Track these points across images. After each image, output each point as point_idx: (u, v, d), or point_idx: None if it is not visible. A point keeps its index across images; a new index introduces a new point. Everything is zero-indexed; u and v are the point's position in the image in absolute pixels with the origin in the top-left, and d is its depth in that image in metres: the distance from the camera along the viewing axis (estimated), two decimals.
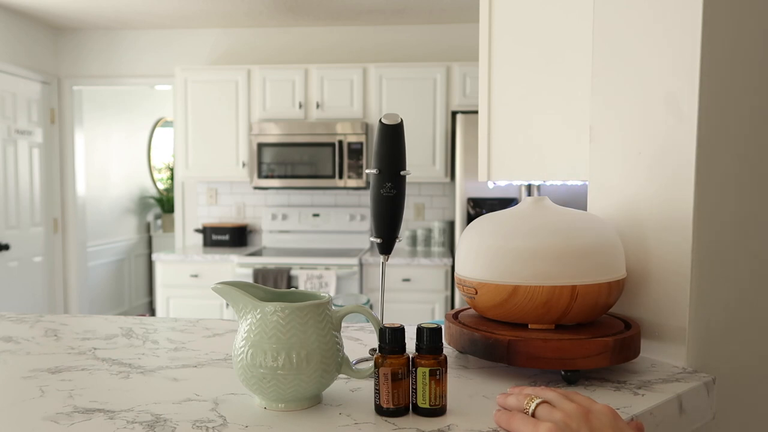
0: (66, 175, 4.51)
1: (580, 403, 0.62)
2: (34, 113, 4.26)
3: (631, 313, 0.91)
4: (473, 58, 3.86)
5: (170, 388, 0.79)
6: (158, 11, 3.98)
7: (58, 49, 4.46)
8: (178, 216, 4.48)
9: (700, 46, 0.81)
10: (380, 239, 0.86)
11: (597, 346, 0.77)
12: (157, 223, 5.94)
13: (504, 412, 0.64)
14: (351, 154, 3.84)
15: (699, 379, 0.82)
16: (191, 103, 4.03)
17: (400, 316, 3.54)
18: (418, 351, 0.69)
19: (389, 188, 0.83)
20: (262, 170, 3.91)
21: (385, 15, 4.04)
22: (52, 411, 0.70)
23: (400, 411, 0.68)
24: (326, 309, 0.71)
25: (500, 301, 0.82)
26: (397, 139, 0.83)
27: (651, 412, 0.72)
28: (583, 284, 0.79)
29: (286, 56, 4.31)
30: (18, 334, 1.07)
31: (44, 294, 4.40)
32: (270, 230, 4.27)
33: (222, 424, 0.66)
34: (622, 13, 0.91)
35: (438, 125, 3.90)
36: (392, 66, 3.91)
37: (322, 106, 3.94)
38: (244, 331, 0.70)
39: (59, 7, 3.92)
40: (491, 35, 1.27)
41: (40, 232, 4.35)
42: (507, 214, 0.87)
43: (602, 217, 0.93)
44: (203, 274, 3.81)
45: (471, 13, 3.86)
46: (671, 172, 0.86)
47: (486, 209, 3.43)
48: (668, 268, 0.86)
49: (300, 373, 0.68)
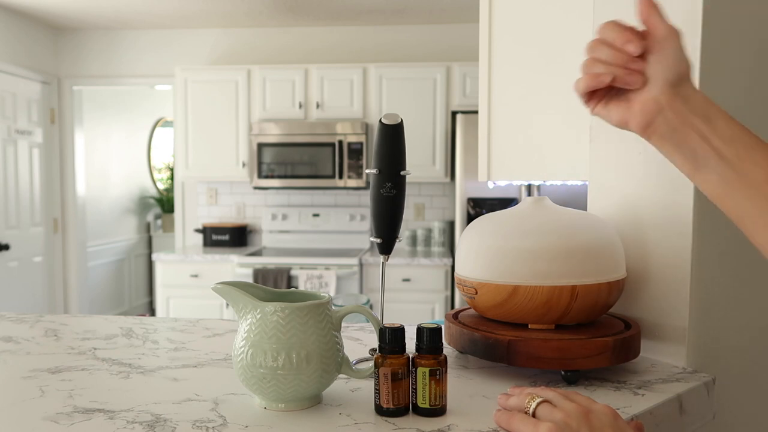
0: (66, 175, 4.51)
1: (580, 403, 0.62)
2: (34, 113, 4.26)
3: (631, 313, 0.91)
4: (473, 58, 3.85)
5: (170, 388, 0.79)
6: (158, 11, 3.98)
7: (58, 49, 4.46)
8: (178, 216, 4.48)
9: (700, 46, 0.81)
10: (380, 239, 0.87)
11: (597, 346, 0.77)
12: (157, 223, 5.94)
13: (504, 412, 0.64)
14: (351, 154, 3.84)
15: (699, 379, 0.82)
16: (191, 103, 4.03)
17: (400, 316, 3.54)
18: (418, 351, 0.69)
19: (389, 188, 0.83)
20: (262, 170, 3.91)
21: (385, 15, 4.04)
22: (52, 411, 0.70)
23: (400, 411, 0.68)
24: (326, 309, 0.71)
25: (500, 301, 0.82)
26: (397, 139, 0.83)
27: (651, 412, 0.72)
28: (583, 284, 0.79)
29: (286, 56, 4.31)
30: (18, 334, 1.07)
31: (44, 294, 4.40)
32: (270, 230, 4.27)
33: (222, 424, 0.66)
34: (622, 13, 0.91)
35: (438, 125, 3.90)
36: (392, 66, 3.91)
37: (322, 106, 3.94)
38: (244, 331, 0.70)
39: (59, 7, 3.92)
40: (491, 35, 1.27)
41: (40, 232, 4.35)
42: (507, 214, 0.87)
43: (602, 217, 0.93)
44: (203, 274, 3.81)
45: (471, 13, 3.86)
46: (671, 171, 0.85)
47: (486, 209, 3.43)
48: (668, 268, 0.86)
49: (300, 373, 0.68)
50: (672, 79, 0.62)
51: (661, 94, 0.62)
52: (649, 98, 0.63)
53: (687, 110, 0.62)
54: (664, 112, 0.62)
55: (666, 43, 0.62)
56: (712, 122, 0.61)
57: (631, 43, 0.62)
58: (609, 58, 0.63)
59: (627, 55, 0.63)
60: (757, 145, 0.60)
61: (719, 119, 0.61)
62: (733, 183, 0.60)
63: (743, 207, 0.61)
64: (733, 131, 0.61)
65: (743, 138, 0.60)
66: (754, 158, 0.59)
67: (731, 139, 0.60)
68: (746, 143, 0.60)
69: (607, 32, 0.64)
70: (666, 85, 0.62)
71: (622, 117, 0.65)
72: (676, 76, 0.62)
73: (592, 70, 0.64)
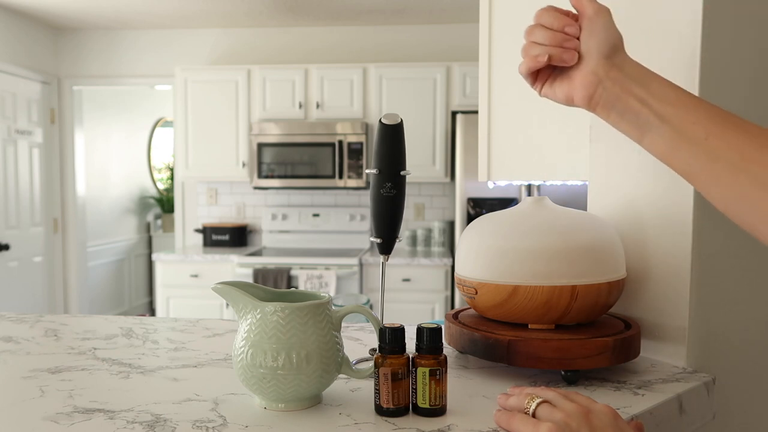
0: (66, 175, 4.51)
1: (580, 403, 0.62)
2: (34, 113, 4.26)
3: (631, 313, 0.91)
4: (473, 58, 3.86)
5: (170, 388, 0.79)
6: (158, 11, 3.98)
7: (58, 49, 4.46)
8: (178, 216, 4.48)
9: (700, 46, 0.81)
10: (380, 239, 0.86)
11: (597, 346, 0.77)
12: (157, 223, 5.94)
13: (504, 412, 0.64)
14: (351, 154, 3.84)
15: (699, 379, 0.82)
16: (191, 103, 4.03)
17: (400, 316, 3.54)
18: (418, 351, 0.69)
19: (389, 188, 0.83)
20: (262, 170, 3.91)
21: (385, 15, 4.04)
22: (52, 411, 0.70)
23: (400, 411, 0.68)
24: (326, 309, 0.71)
25: (500, 301, 0.82)
26: (397, 139, 0.83)
27: (651, 412, 0.72)
28: (583, 284, 0.79)
29: (286, 56, 4.31)
30: (18, 334, 1.07)
31: (44, 294, 4.40)
32: (270, 230, 4.27)
33: (222, 424, 0.66)
34: (622, 13, 0.91)
35: (438, 125, 3.90)
36: (392, 66, 3.91)
37: (322, 106, 3.94)
38: (244, 331, 0.70)
39: (59, 7, 3.92)
40: (491, 35, 1.27)
41: (40, 232, 4.35)
42: (507, 214, 0.87)
43: (602, 217, 0.93)
44: (203, 274, 3.81)
45: (471, 13, 3.86)
46: (671, 171, 0.85)
47: (486, 209, 3.44)
48: (668, 268, 0.86)
49: (300, 373, 0.68)
50: (605, 51, 0.67)
51: (597, 66, 0.67)
52: (588, 71, 0.68)
53: (623, 77, 0.67)
54: (603, 82, 0.67)
55: (596, 19, 0.67)
56: (648, 86, 0.65)
57: (571, 26, 0.68)
58: (545, 40, 0.69)
59: (561, 35, 0.68)
60: (693, 104, 0.63)
61: (653, 82, 0.66)
62: (677, 142, 0.64)
63: (690, 165, 0.63)
64: (668, 93, 0.65)
65: (681, 98, 0.64)
66: (692, 117, 0.63)
67: (668, 101, 0.64)
68: (684, 103, 0.64)
69: (545, 17, 0.69)
70: (600, 57, 0.67)
71: (567, 93, 0.70)
72: (609, 48, 0.67)
73: (531, 53, 0.70)
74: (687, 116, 0.63)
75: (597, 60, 0.67)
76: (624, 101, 0.67)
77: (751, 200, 0.59)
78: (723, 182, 0.61)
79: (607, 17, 0.68)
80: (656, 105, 0.65)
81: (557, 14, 0.69)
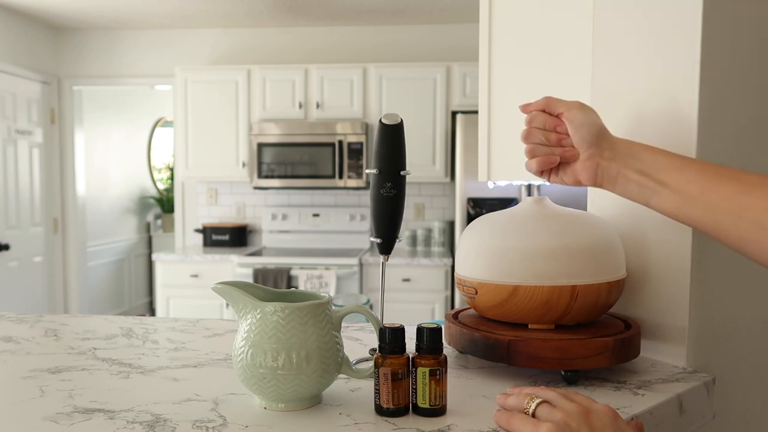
0: (66, 175, 4.52)
1: (580, 402, 0.62)
2: (34, 113, 4.26)
3: (631, 313, 0.91)
4: (473, 58, 3.86)
5: (170, 388, 0.79)
6: (158, 11, 3.98)
7: (58, 49, 4.46)
8: (178, 216, 4.48)
9: (701, 46, 0.81)
10: (380, 239, 0.86)
11: (597, 346, 0.77)
12: (157, 223, 5.94)
13: (504, 412, 0.64)
14: (351, 154, 3.84)
15: (699, 379, 0.82)
16: (191, 103, 4.03)
17: (400, 316, 3.54)
18: (418, 351, 0.69)
19: (389, 188, 0.83)
20: (262, 170, 3.92)
21: (385, 15, 4.04)
22: (52, 411, 0.70)
23: (400, 411, 0.68)
24: (326, 309, 0.71)
25: (500, 301, 0.82)
26: (397, 139, 0.83)
27: (651, 412, 0.72)
28: (583, 284, 0.79)
29: (286, 56, 4.31)
30: (18, 334, 1.07)
31: (44, 294, 4.40)
32: (270, 230, 4.27)
33: (222, 424, 0.66)
34: (622, 14, 0.91)
35: (438, 125, 3.90)
36: (392, 66, 3.91)
37: (322, 106, 3.95)
38: (244, 331, 0.70)
39: (59, 7, 3.92)
40: (491, 35, 1.27)
41: (40, 232, 4.35)
42: (507, 214, 0.87)
43: (602, 217, 0.93)
44: (203, 274, 3.81)
45: (471, 13, 3.86)
46: None
47: (486, 209, 3.43)
48: (668, 268, 0.86)
49: (300, 373, 0.68)
50: (592, 141, 0.76)
51: (591, 155, 0.77)
52: (584, 159, 0.77)
53: (616, 155, 0.75)
54: (600, 164, 0.76)
55: (572, 117, 0.77)
56: (641, 158, 0.73)
57: (561, 125, 0.78)
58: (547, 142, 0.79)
59: (556, 134, 0.79)
60: (684, 164, 0.70)
61: (642, 152, 0.74)
62: (678, 202, 0.70)
63: (695, 219, 0.69)
64: (659, 159, 0.72)
65: (671, 162, 0.71)
66: (685, 176, 0.69)
67: (661, 167, 0.71)
68: (676, 165, 0.71)
69: (537, 120, 0.80)
70: (590, 146, 0.76)
71: (574, 178, 0.79)
72: (594, 137, 0.76)
73: (538, 154, 0.80)
74: (680, 177, 0.69)
75: (588, 150, 0.77)
76: (624, 175, 0.75)
77: (757, 243, 0.64)
78: (727, 230, 0.66)
79: (580, 113, 0.77)
80: (652, 173, 0.72)
81: (546, 115, 0.79)
